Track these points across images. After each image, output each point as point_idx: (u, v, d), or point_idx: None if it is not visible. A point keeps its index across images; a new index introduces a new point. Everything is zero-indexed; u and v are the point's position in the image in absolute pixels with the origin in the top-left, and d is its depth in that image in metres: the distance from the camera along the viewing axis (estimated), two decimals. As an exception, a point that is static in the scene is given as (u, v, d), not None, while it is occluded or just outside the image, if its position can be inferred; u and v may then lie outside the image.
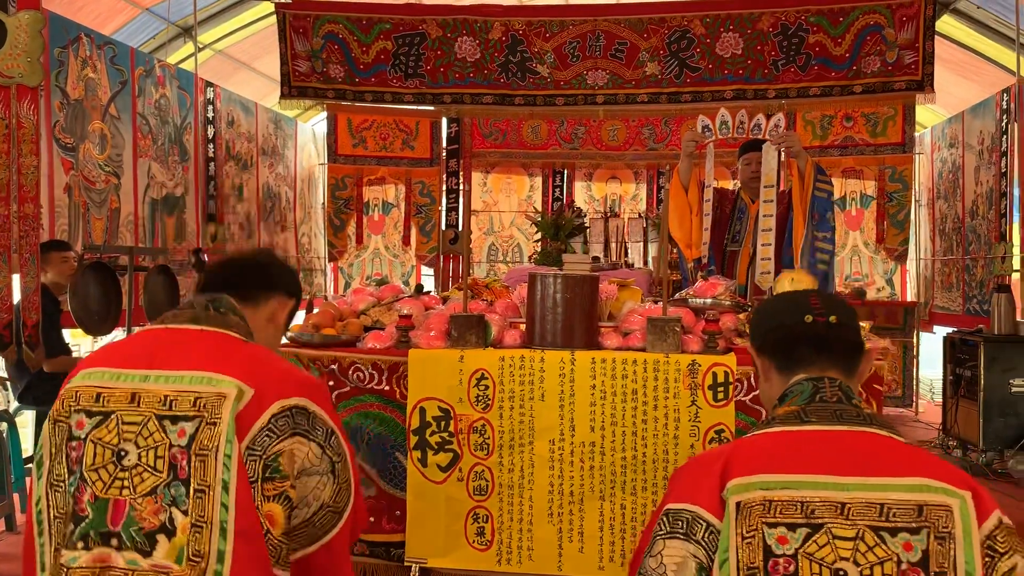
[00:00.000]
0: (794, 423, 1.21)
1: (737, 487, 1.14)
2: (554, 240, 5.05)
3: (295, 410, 1.38)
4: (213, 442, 1.30)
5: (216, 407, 1.32)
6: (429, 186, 8.09)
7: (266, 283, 1.65)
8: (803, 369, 1.30)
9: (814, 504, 1.12)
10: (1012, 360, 5.84)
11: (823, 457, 1.15)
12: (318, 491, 1.40)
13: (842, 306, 1.36)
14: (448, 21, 7.39)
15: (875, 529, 1.10)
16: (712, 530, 1.15)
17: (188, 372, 1.36)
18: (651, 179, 8.33)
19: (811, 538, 1.11)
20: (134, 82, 6.15)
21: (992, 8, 6.92)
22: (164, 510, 1.30)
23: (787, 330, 1.33)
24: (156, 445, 1.32)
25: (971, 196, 7.54)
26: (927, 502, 1.11)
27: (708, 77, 7.23)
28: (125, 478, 1.32)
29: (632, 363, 2.99)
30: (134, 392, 1.35)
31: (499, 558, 3.03)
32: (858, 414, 1.21)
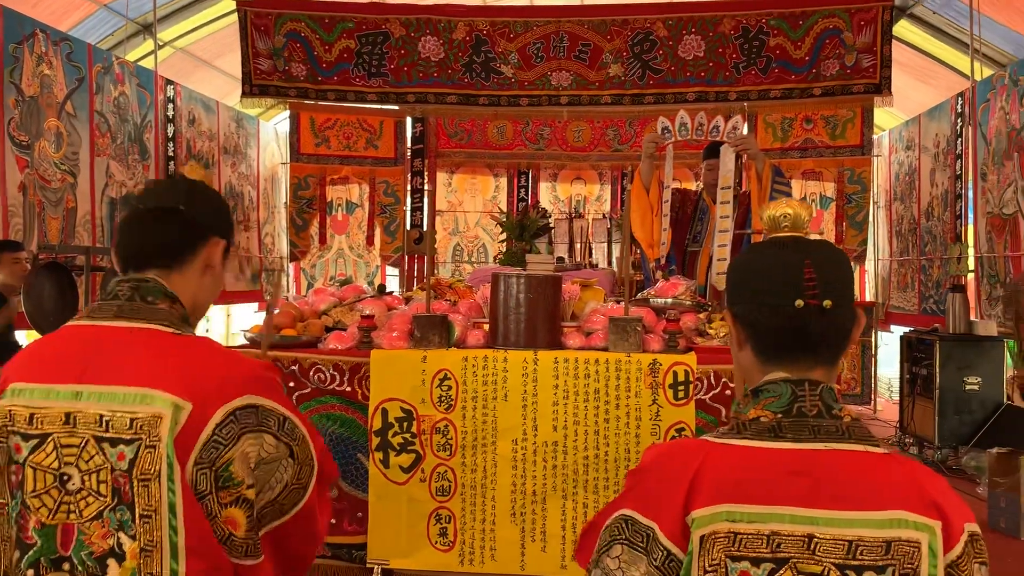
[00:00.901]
0: (767, 438, 1.12)
1: (703, 519, 1.08)
2: (519, 240, 5.05)
3: (240, 412, 1.30)
4: (154, 466, 1.25)
5: (154, 429, 1.25)
6: (393, 186, 8.05)
7: (190, 236, 1.44)
8: (784, 364, 1.18)
9: (781, 538, 1.07)
10: (966, 359, 5.96)
11: (794, 486, 1.09)
12: (280, 474, 1.36)
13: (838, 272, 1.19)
14: (411, 21, 7.36)
15: (840, 567, 1.07)
16: (671, 559, 1.10)
17: (121, 389, 1.27)
18: (615, 180, 8.38)
19: (775, 574, 1.07)
20: (91, 79, 6.05)
21: (947, 14, 7.05)
22: (112, 534, 1.26)
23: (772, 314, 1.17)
24: (98, 469, 1.26)
25: (926, 198, 7.68)
26: (897, 538, 1.07)
27: (671, 79, 7.29)
28: (71, 502, 1.26)
29: (594, 363, 3.00)
30: (68, 412, 1.28)
31: (462, 558, 3.03)
32: (836, 428, 1.13)
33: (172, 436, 1.25)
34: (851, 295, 1.21)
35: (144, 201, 1.44)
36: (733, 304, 1.24)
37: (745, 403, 1.19)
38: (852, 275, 1.25)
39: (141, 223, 1.43)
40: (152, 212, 1.42)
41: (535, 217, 5.29)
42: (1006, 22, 6.49)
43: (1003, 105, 6.22)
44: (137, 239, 1.42)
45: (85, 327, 1.36)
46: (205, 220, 1.46)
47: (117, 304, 1.36)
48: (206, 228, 1.46)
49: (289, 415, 1.37)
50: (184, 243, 1.43)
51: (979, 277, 6.64)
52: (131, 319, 1.35)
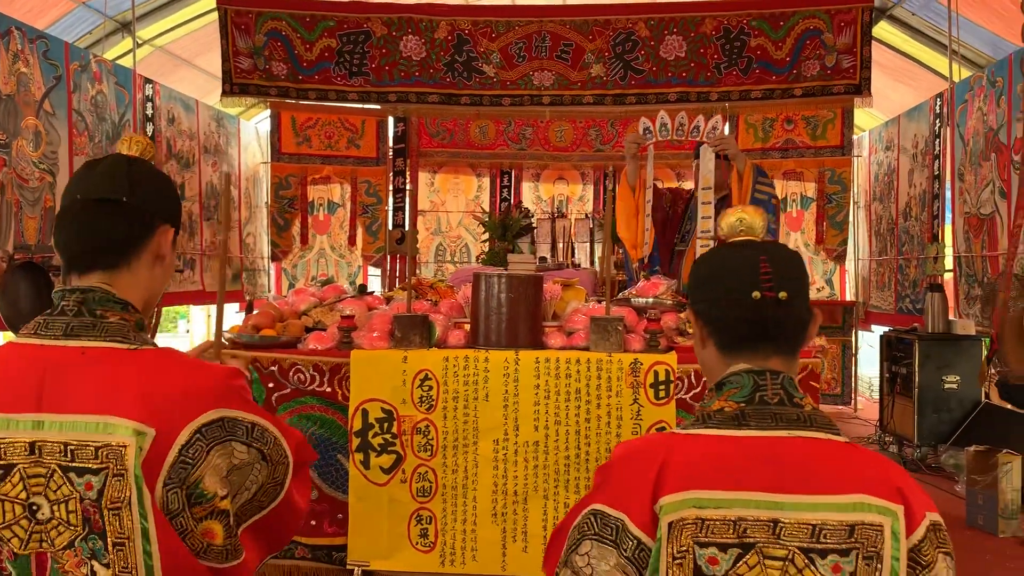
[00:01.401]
0: (731, 427, 1.16)
1: (670, 505, 1.11)
2: (501, 240, 5.05)
3: (206, 428, 1.27)
4: (123, 494, 1.22)
5: (119, 458, 1.21)
6: (376, 185, 8.02)
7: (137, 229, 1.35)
8: (744, 355, 1.22)
9: (747, 523, 1.10)
10: (945, 358, 6.01)
11: (759, 471, 1.12)
12: (254, 476, 1.33)
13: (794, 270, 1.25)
14: (393, 19, 7.34)
15: (805, 551, 1.09)
16: (641, 547, 1.12)
17: (82, 418, 1.23)
18: (598, 180, 8.38)
19: (742, 559, 1.09)
20: (69, 77, 5.98)
21: (926, 15, 7.11)
22: (85, 563, 1.23)
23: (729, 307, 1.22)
24: (66, 499, 1.23)
25: (905, 198, 7.74)
26: (860, 522, 1.10)
27: (652, 79, 7.30)
28: (42, 531, 1.24)
29: (576, 362, 3.00)
30: (32, 442, 1.23)
31: (443, 559, 3.02)
32: (798, 416, 1.17)
33: (138, 463, 1.21)
34: (805, 290, 1.27)
35: (83, 190, 1.33)
36: (695, 303, 1.29)
37: (710, 397, 1.23)
38: (806, 273, 1.31)
39: (82, 217, 1.32)
40: (93, 205, 1.32)
41: (517, 217, 5.29)
42: (984, 24, 6.54)
43: (980, 106, 6.28)
44: (80, 237, 1.32)
45: (34, 347, 1.28)
46: (151, 208, 1.36)
47: (64, 320, 1.28)
48: (153, 216, 1.37)
49: (257, 420, 1.33)
50: (131, 237, 1.34)
51: (957, 277, 6.69)
52: (81, 337, 1.27)
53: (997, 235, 6.02)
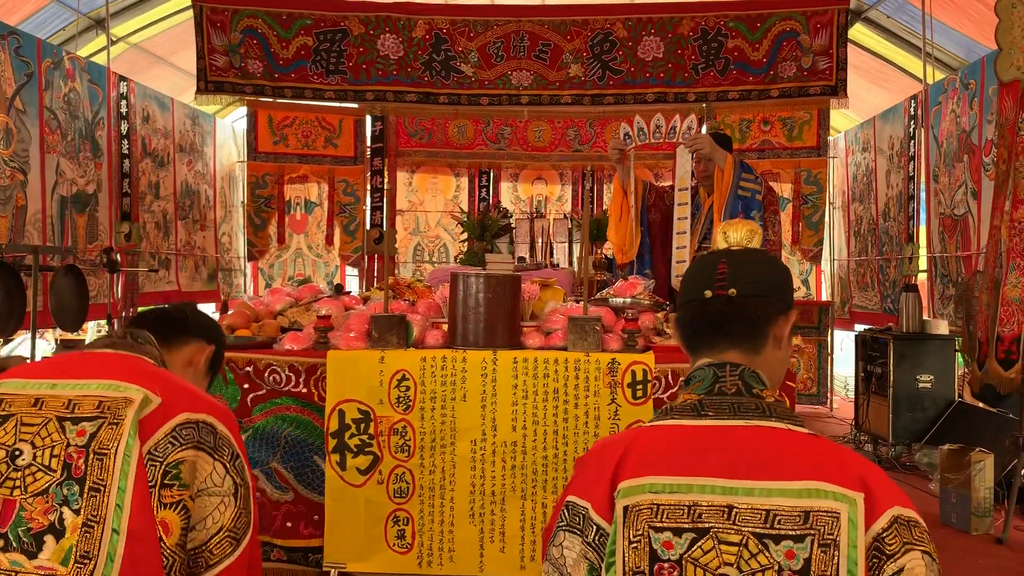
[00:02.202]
0: (690, 416, 1.18)
1: (627, 490, 1.12)
2: (480, 240, 5.05)
3: (201, 425, 1.37)
4: (113, 442, 1.29)
5: (120, 409, 1.31)
6: (353, 185, 7.98)
7: (183, 328, 1.68)
8: (705, 351, 1.26)
9: (701, 508, 1.10)
10: (919, 357, 6.06)
11: (714, 458, 1.13)
12: (217, 513, 1.35)
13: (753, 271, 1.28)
14: (370, 18, 7.31)
15: (759, 536, 1.09)
16: (601, 533, 1.14)
17: (96, 380, 1.36)
18: (576, 180, 8.39)
19: (696, 543, 1.10)
20: (41, 75, 5.90)
21: (901, 18, 7.18)
22: (55, 510, 1.27)
23: (689, 308, 1.28)
24: (53, 445, 1.30)
25: (883, 199, 7.81)
26: (814, 508, 1.09)
27: (630, 80, 7.32)
28: (17, 478, 1.29)
29: (554, 362, 3.00)
30: (38, 397, 1.35)
31: (420, 560, 3.00)
32: (756, 406, 1.19)
33: (137, 417, 1.31)
34: (766, 288, 1.29)
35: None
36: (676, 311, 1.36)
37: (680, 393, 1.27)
38: (774, 274, 1.33)
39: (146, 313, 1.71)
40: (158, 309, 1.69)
41: (496, 217, 5.29)
42: (957, 27, 6.62)
43: (954, 108, 6.35)
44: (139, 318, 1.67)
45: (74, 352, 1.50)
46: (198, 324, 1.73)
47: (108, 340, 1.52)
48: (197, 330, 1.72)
49: (241, 456, 1.41)
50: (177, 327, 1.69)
51: (931, 277, 6.76)
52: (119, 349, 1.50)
53: (970, 236, 6.08)
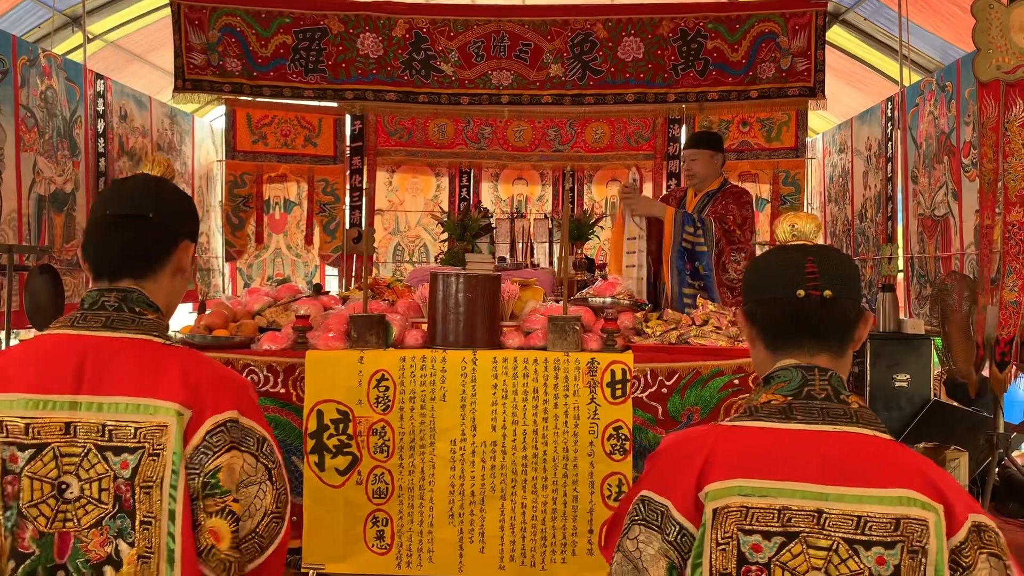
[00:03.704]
0: (778, 419, 1.19)
1: (716, 492, 1.12)
2: (460, 240, 5.04)
3: (229, 424, 1.34)
4: (157, 474, 1.28)
5: (158, 437, 1.28)
6: (333, 184, 7.94)
7: (162, 244, 1.47)
8: (791, 351, 1.26)
9: (791, 512, 1.11)
10: (895, 356, 6.11)
11: (805, 462, 1.14)
12: (259, 500, 1.35)
13: (841, 269, 1.28)
14: (350, 17, 7.29)
15: (849, 541, 1.10)
16: (684, 533, 1.14)
17: (123, 399, 1.30)
18: (557, 180, 8.39)
19: (785, 547, 1.10)
20: (16, 72, 5.84)
21: (878, 21, 7.24)
22: (110, 541, 1.28)
23: (777, 305, 1.26)
24: (100, 477, 1.29)
25: (860, 200, 7.88)
26: (905, 516, 1.10)
27: (610, 80, 7.34)
28: (68, 511, 1.28)
29: (533, 362, 3.00)
30: (68, 422, 1.29)
31: (399, 561, 3.00)
32: (844, 412, 1.20)
33: (179, 442, 1.29)
34: (855, 291, 1.29)
35: (113, 206, 1.44)
36: (745, 305, 1.34)
37: (757, 391, 1.25)
38: (857, 274, 1.33)
39: (112, 231, 1.43)
40: (122, 219, 1.43)
41: (476, 217, 5.28)
42: (933, 30, 6.69)
43: (932, 110, 6.41)
44: (109, 249, 1.43)
45: (72, 336, 1.36)
46: (174, 224, 1.49)
47: (104, 315, 1.38)
48: (176, 234, 1.49)
49: (268, 438, 1.41)
50: (156, 251, 1.46)
51: (908, 277, 6.82)
52: (120, 330, 1.37)
53: (951, 236, 6.15)
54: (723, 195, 4.46)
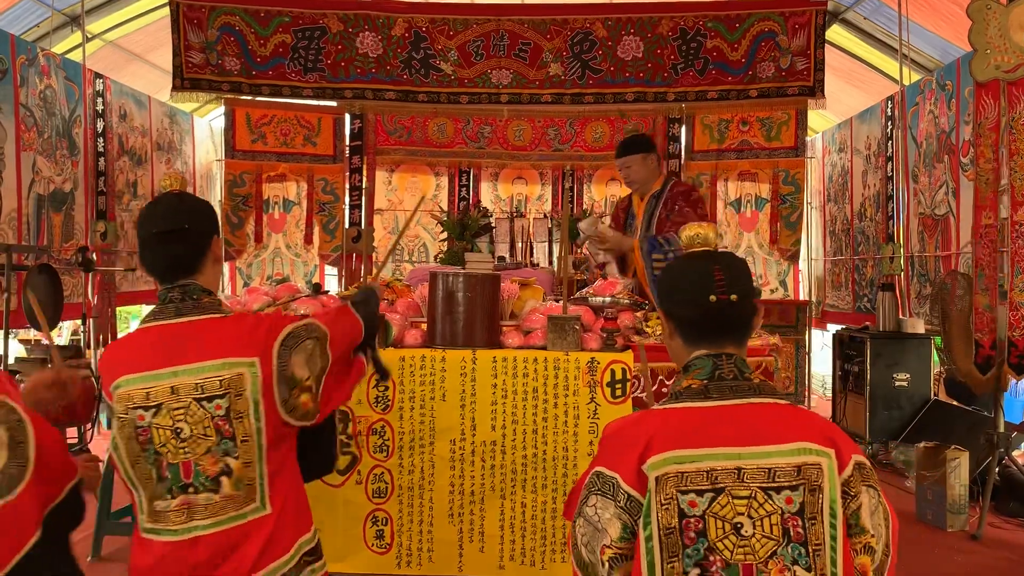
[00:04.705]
0: (699, 399, 1.45)
1: (655, 464, 1.37)
2: (460, 240, 5.04)
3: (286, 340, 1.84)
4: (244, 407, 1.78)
5: (237, 383, 1.78)
6: (332, 183, 7.93)
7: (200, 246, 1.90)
8: (704, 344, 1.51)
9: (716, 472, 1.37)
10: (895, 356, 6.12)
11: (723, 431, 1.40)
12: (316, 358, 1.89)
13: (742, 275, 1.55)
14: (349, 16, 7.29)
15: (764, 489, 1.37)
16: (632, 500, 1.38)
17: (207, 363, 1.78)
18: (556, 180, 8.38)
19: (715, 500, 1.36)
20: (15, 71, 5.83)
21: (877, 20, 7.24)
22: (220, 460, 1.77)
23: (692, 308, 1.52)
24: (201, 420, 1.77)
25: (859, 199, 7.87)
26: (804, 463, 1.38)
27: (610, 79, 7.34)
28: (185, 446, 1.76)
29: (533, 361, 3.00)
30: (172, 386, 1.77)
31: (399, 560, 2.99)
32: (749, 387, 1.47)
33: (255, 385, 1.79)
34: (751, 291, 1.55)
35: (155, 225, 1.87)
36: (663, 304, 1.59)
37: (678, 378, 1.53)
38: (751, 276, 1.59)
39: (160, 245, 1.87)
40: (165, 235, 1.87)
41: (476, 216, 5.28)
42: (933, 29, 6.68)
43: (932, 109, 6.41)
44: (163, 260, 1.88)
45: (157, 327, 1.84)
46: (204, 228, 1.93)
47: (174, 306, 1.84)
48: (207, 235, 1.93)
49: (310, 322, 1.92)
50: (197, 253, 1.90)
51: (909, 276, 6.82)
52: (187, 315, 1.84)
53: (951, 235, 6.15)
54: (671, 197, 4.32)
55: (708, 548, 1.35)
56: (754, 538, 1.36)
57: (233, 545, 1.79)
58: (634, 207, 4.48)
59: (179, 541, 1.77)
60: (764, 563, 1.35)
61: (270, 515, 1.82)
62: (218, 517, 1.78)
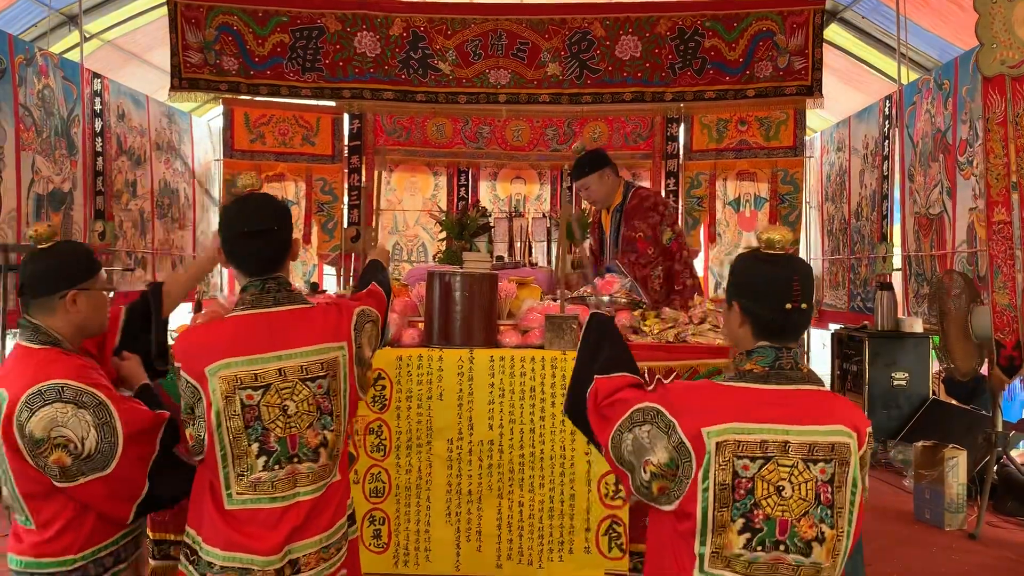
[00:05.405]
0: (760, 382, 1.73)
1: (717, 431, 1.66)
2: (459, 239, 5.03)
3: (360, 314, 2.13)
4: (339, 385, 2.02)
5: (334, 365, 2.01)
6: (331, 183, 7.93)
7: (286, 244, 2.08)
8: (771, 339, 1.78)
9: (768, 444, 1.66)
10: (893, 355, 6.12)
11: (776, 412, 1.69)
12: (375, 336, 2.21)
13: (811, 286, 1.81)
14: (347, 15, 7.29)
15: (804, 460, 1.67)
16: (682, 446, 1.68)
17: (307, 347, 1.98)
18: (555, 180, 8.38)
19: (764, 466, 1.66)
20: (14, 71, 5.83)
21: (876, 19, 7.23)
22: (319, 433, 1.98)
23: (769, 311, 1.76)
24: (305, 399, 1.97)
25: (856, 198, 7.88)
26: (837, 442, 1.69)
27: (608, 79, 7.34)
28: (291, 422, 1.96)
29: (530, 360, 3.00)
30: (279, 368, 1.95)
31: (396, 560, 2.99)
32: (800, 376, 1.75)
33: (346, 365, 2.03)
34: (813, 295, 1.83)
35: (245, 224, 2.02)
36: (740, 297, 1.82)
37: (741, 359, 1.80)
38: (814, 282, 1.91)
39: (252, 243, 2.02)
40: (256, 234, 2.02)
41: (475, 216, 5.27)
42: (931, 28, 6.68)
43: (929, 108, 6.41)
44: (255, 256, 2.03)
45: (257, 314, 1.99)
46: (288, 228, 2.09)
47: (272, 296, 2.01)
48: (290, 233, 2.10)
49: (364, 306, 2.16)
50: (283, 252, 2.08)
51: (906, 275, 6.82)
52: (284, 304, 2.02)
53: (945, 234, 6.15)
54: (628, 213, 4.31)
55: (754, 504, 1.66)
56: (792, 499, 1.66)
57: (319, 508, 2.00)
58: (603, 223, 4.51)
59: (284, 507, 1.95)
60: (797, 519, 1.67)
61: (340, 481, 2.07)
62: (316, 484, 1.99)
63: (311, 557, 1.98)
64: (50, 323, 2.04)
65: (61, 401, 1.92)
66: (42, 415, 1.90)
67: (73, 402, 1.92)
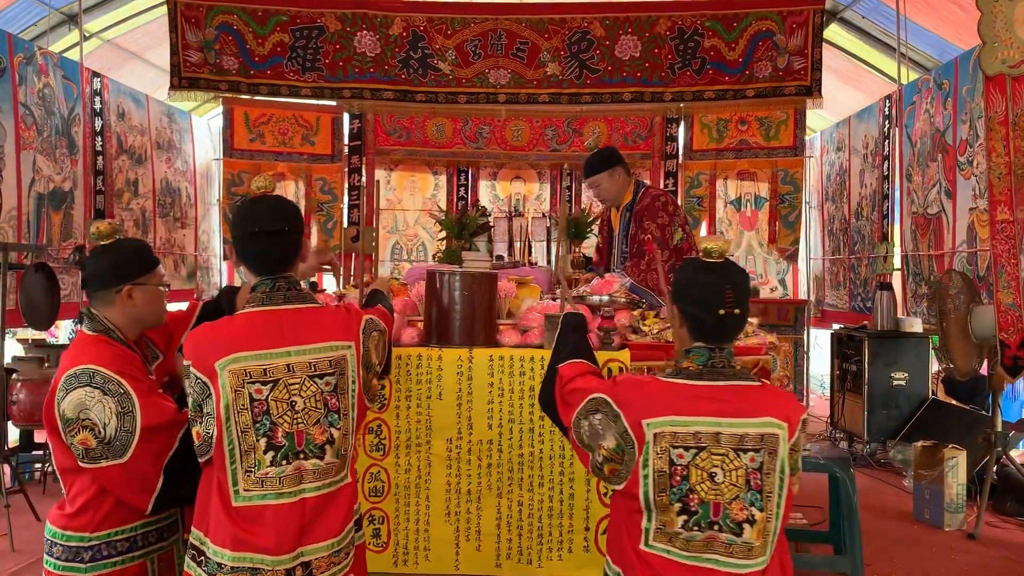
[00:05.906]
0: (695, 379, 1.89)
1: (655, 423, 1.83)
2: (458, 239, 5.02)
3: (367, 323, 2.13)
4: (346, 384, 2.03)
5: (342, 362, 2.03)
6: (331, 183, 7.94)
7: (297, 245, 2.12)
8: (707, 340, 1.93)
9: (701, 435, 1.83)
10: (893, 355, 6.12)
11: (708, 405, 1.84)
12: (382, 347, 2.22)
13: (746, 292, 1.95)
14: (347, 15, 7.29)
15: (735, 450, 1.83)
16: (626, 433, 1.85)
17: (316, 344, 2.01)
18: (554, 179, 8.38)
19: (698, 455, 1.82)
20: (13, 70, 5.83)
21: (876, 19, 7.24)
22: (326, 430, 2.00)
23: (703, 315, 1.92)
24: (313, 395, 1.99)
25: (856, 198, 7.88)
26: (767, 432, 1.84)
27: (607, 79, 7.34)
28: (299, 418, 1.97)
29: (530, 360, 3.00)
30: (288, 364, 1.98)
31: (395, 559, 3.00)
32: (732, 372, 1.91)
33: (354, 365, 2.05)
34: (749, 301, 1.99)
35: (257, 224, 2.06)
36: (680, 302, 1.99)
37: (680, 356, 1.98)
38: (750, 288, 2.05)
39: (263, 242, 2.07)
40: (268, 234, 2.06)
41: (474, 215, 5.27)
42: (931, 28, 6.68)
43: (928, 108, 6.41)
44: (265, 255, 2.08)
45: (268, 311, 2.03)
46: (298, 229, 2.14)
47: (282, 294, 2.05)
48: (300, 234, 2.15)
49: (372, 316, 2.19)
50: (294, 252, 2.12)
51: (905, 275, 6.82)
52: (295, 302, 2.06)
53: (943, 234, 6.15)
54: (638, 214, 4.27)
55: (689, 489, 1.82)
56: (724, 484, 1.82)
57: (327, 508, 2.02)
58: (612, 221, 4.50)
59: (291, 503, 1.97)
60: (729, 503, 1.83)
61: (350, 483, 2.09)
62: (322, 481, 2.00)
63: (322, 561, 2.00)
64: (107, 314, 2.18)
65: (91, 386, 2.04)
66: (73, 396, 2.03)
67: (100, 388, 2.04)
